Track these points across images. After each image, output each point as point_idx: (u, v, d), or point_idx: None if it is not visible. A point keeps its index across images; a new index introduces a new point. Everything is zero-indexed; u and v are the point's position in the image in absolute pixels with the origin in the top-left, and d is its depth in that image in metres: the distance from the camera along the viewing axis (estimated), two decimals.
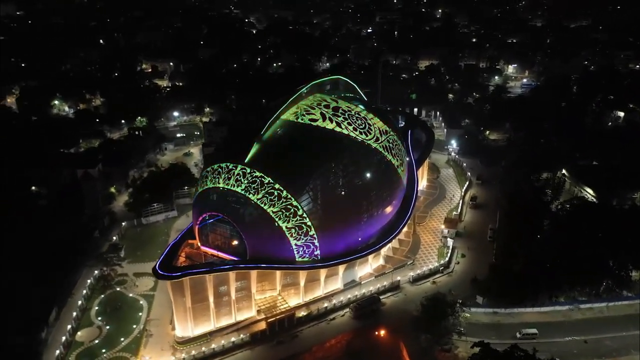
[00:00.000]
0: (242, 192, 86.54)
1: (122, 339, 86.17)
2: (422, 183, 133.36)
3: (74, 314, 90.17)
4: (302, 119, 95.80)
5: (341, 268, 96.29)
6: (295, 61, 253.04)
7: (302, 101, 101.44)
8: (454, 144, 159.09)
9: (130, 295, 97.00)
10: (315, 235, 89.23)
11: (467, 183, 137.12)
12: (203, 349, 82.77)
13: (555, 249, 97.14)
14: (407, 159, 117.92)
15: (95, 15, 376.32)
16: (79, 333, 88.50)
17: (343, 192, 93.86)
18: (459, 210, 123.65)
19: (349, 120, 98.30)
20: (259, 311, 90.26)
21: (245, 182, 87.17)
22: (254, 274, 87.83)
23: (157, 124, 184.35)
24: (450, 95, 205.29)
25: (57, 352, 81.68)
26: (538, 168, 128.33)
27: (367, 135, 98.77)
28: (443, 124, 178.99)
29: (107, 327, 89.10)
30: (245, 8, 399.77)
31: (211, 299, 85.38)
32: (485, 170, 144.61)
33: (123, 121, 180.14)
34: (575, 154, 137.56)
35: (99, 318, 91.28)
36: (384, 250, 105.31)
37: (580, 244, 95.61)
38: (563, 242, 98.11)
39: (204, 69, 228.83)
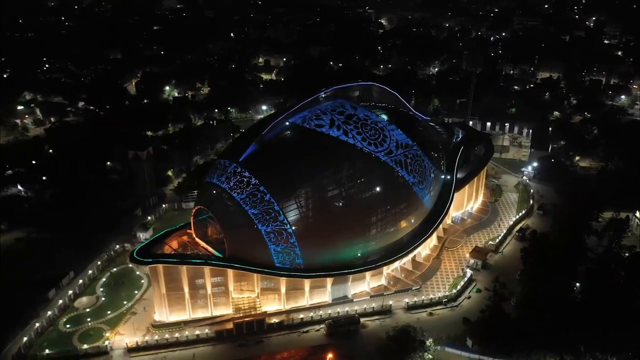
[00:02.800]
0: (228, 190, 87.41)
1: (108, 312, 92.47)
2: (470, 205, 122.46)
3: (80, 281, 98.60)
4: (308, 124, 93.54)
5: (329, 281, 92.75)
6: (405, 64, 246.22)
7: (319, 105, 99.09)
8: (530, 166, 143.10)
9: (137, 272, 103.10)
10: (296, 243, 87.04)
11: (524, 212, 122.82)
12: (166, 335, 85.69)
13: (575, 299, 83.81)
14: (443, 176, 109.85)
15: (243, 10, 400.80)
16: (83, 299, 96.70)
17: (337, 203, 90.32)
18: (497, 240, 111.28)
19: (360, 130, 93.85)
20: (238, 309, 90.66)
21: (234, 180, 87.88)
22: (230, 272, 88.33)
23: (245, 115, 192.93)
24: (556, 113, 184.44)
25: (50, 313, 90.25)
26: (603, 204, 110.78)
27: (377, 147, 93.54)
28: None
29: (104, 298, 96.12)
30: (381, 8, 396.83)
31: (186, 289, 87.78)
32: (555, 201, 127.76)
33: (216, 110, 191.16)
34: None
35: (101, 289, 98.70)
36: (387, 270, 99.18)
37: (610, 299, 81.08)
38: (589, 293, 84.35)
39: (309, 66, 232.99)
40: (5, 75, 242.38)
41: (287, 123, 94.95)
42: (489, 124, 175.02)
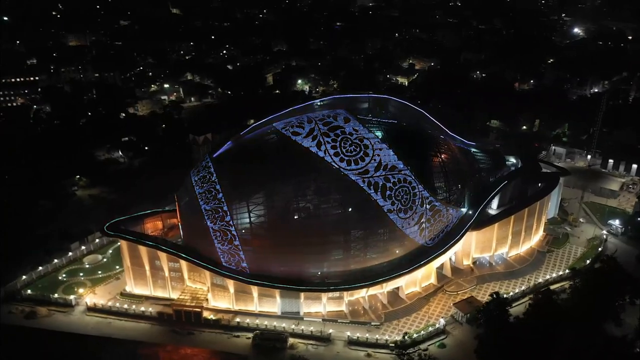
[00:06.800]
0: (193, 183, 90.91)
1: (99, 272, 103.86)
2: (503, 250, 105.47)
3: (97, 240, 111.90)
4: (287, 130, 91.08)
5: (277, 292, 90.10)
6: (562, 82, 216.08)
7: (313, 112, 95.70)
8: (622, 220, 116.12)
9: None
10: (240, 246, 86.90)
11: (568, 271, 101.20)
12: (117, 304, 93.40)
13: None
14: (459, 210, 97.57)
15: (429, 10, 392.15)
16: (98, 256, 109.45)
17: (290, 215, 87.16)
18: (506, 296, 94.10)
19: (338, 144, 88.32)
20: (193, 298, 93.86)
21: (201, 174, 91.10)
22: (183, 261, 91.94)
23: None
24: None
25: (57, 261, 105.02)
26: None
27: (349, 165, 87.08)
28: None
29: (105, 260, 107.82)
30: (584, 17, 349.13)
31: (147, 267, 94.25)
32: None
33: None
34: None
35: (111, 251, 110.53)
36: (351, 297, 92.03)
37: None
38: None
39: (448, 73, 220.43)
40: (187, 57, 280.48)
41: (272, 126, 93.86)
42: (611, 161, 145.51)
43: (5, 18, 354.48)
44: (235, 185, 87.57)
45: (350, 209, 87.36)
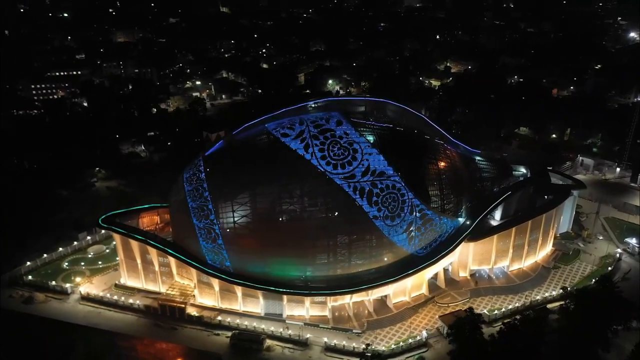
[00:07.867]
0: (183, 181, 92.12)
1: (99, 262, 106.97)
2: (503, 263, 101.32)
3: (103, 231, 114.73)
4: (277, 131, 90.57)
5: (260, 293, 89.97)
6: (603, 89, 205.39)
7: (307, 114, 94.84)
8: (635, 239, 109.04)
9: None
10: (223, 245, 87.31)
11: (561, 292, 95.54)
12: (108, 294, 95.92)
13: None
14: (454, 220, 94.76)
15: (478, 13, 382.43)
16: (102, 247, 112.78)
17: (273, 217, 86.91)
18: (496, 312, 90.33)
19: (325, 147, 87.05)
20: (182, 294, 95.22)
21: (192, 172, 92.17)
22: (171, 257, 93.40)
23: None
24: None
25: (62, 249, 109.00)
26: None
27: (335, 168, 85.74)
28: None
29: (107, 250, 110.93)
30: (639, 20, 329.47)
31: (138, 260, 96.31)
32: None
33: None
34: None
35: (114, 242, 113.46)
36: (335, 302, 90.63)
37: None
38: None
39: (480, 77, 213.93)
40: (227, 55, 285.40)
41: (264, 127, 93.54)
42: None
43: (66, 14, 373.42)
44: (221, 184, 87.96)
45: (335, 214, 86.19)
